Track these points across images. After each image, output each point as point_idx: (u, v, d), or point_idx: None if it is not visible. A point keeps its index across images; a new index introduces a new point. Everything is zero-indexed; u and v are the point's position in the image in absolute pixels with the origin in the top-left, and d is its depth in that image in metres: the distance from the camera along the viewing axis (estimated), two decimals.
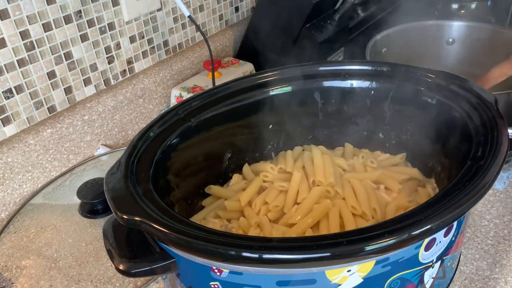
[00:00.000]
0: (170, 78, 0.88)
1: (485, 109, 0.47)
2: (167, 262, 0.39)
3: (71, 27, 0.72)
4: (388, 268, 0.37)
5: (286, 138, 0.63)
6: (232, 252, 0.34)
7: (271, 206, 0.53)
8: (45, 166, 0.71)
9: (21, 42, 0.66)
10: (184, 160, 0.53)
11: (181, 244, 0.36)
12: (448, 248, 0.42)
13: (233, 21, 1.03)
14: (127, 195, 0.41)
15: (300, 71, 0.59)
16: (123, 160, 0.45)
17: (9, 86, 0.66)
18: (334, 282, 0.37)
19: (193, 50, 0.93)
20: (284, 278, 0.36)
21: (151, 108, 0.86)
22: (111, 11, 0.77)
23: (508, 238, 0.59)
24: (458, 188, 0.38)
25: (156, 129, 0.51)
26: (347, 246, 0.33)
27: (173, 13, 0.88)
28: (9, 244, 0.61)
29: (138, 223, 0.38)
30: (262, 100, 0.58)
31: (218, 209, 0.55)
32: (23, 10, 0.65)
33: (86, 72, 0.76)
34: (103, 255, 0.58)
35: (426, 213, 0.36)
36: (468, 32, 0.88)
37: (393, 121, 0.60)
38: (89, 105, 0.76)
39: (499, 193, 0.65)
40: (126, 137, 0.83)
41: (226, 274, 0.37)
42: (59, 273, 0.56)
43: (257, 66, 0.93)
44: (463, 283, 0.54)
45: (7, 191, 0.67)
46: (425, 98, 0.54)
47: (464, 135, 0.47)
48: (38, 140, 0.69)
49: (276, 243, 0.34)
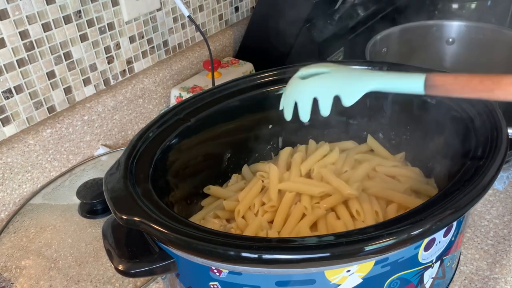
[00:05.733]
0: (169, 78, 0.88)
1: (485, 109, 0.47)
2: (167, 262, 0.39)
3: (71, 27, 0.72)
4: (388, 268, 0.37)
5: (286, 138, 0.63)
6: (231, 252, 0.34)
7: (267, 206, 0.53)
8: (45, 166, 0.71)
9: (21, 42, 0.66)
10: (183, 160, 0.53)
11: (181, 244, 0.36)
12: (447, 248, 0.42)
13: (233, 21, 1.03)
14: (126, 195, 0.41)
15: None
16: (122, 160, 0.45)
17: (9, 86, 0.66)
18: (333, 282, 0.37)
19: (193, 50, 0.93)
20: (283, 278, 0.36)
21: (150, 108, 0.86)
22: (111, 11, 0.77)
23: (508, 238, 0.59)
24: (458, 188, 0.38)
25: (156, 129, 0.51)
26: (347, 246, 0.33)
27: (173, 13, 0.88)
28: (8, 244, 0.61)
29: (137, 223, 0.38)
30: (262, 100, 0.58)
31: (217, 209, 0.55)
32: (22, 10, 0.65)
33: (86, 72, 0.76)
34: (103, 255, 0.58)
35: (425, 213, 0.36)
36: (468, 32, 0.88)
37: (393, 121, 0.60)
38: (88, 105, 0.76)
39: (499, 193, 0.65)
40: (126, 137, 0.83)
41: (226, 274, 0.37)
42: (59, 273, 0.56)
43: (257, 66, 0.93)
44: (463, 283, 0.54)
45: (6, 191, 0.67)
46: (425, 98, 0.54)
47: (464, 135, 0.47)
48: (37, 140, 0.69)
49: (275, 243, 0.34)
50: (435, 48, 0.90)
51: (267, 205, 0.54)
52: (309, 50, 0.88)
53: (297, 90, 0.50)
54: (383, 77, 0.47)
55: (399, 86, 0.46)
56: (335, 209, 0.52)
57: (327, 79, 0.49)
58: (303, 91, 0.49)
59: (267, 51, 0.93)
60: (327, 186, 0.54)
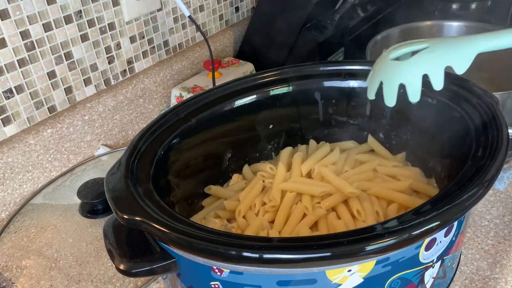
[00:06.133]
0: (170, 78, 0.88)
1: (485, 109, 0.47)
2: (168, 262, 0.39)
3: (72, 27, 0.72)
4: (389, 268, 0.37)
5: (286, 138, 0.63)
6: (232, 252, 0.34)
7: (268, 206, 0.53)
8: (46, 166, 0.71)
9: (22, 42, 0.66)
10: (184, 160, 0.53)
11: (182, 244, 0.36)
12: (448, 248, 0.42)
13: (233, 21, 1.03)
14: (127, 195, 0.41)
15: (300, 71, 0.59)
16: (123, 160, 0.46)
17: (10, 86, 0.66)
18: (334, 282, 0.37)
19: (193, 50, 0.93)
20: (284, 278, 0.36)
21: (151, 108, 0.86)
22: (112, 11, 0.77)
23: (508, 238, 0.59)
24: (458, 188, 0.38)
25: (157, 129, 0.51)
26: (348, 246, 0.33)
27: (173, 13, 0.88)
28: (9, 244, 0.61)
29: (138, 223, 0.38)
30: (262, 100, 0.58)
31: (218, 209, 0.55)
32: (23, 10, 0.65)
33: (87, 72, 0.76)
34: (104, 255, 0.58)
35: (426, 213, 0.36)
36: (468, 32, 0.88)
37: (393, 121, 0.60)
38: (89, 105, 0.76)
39: (499, 193, 0.65)
40: (127, 137, 0.83)
41: (227, 274, 0.37)
42: (60, 273, 0.56)
43: (257, 66, 0.93)
44: (463, 283, 0.54)
45: (7, 191, 0.67)
46: (425, 98, 0.54)
47: (464, 135, 0.47)
48: (38, 140, 0.69)
49: (276, 243, 0.34)
50: None
51: (268, 205, 0.54)
52: (309, 50, 0.88)
53: (401, 71, 0.48)
54: (489, 37, 0.46)
55: (508, 42, 0.45)
56: (335, 209, 0.52)
57: (432, 53, 0.47)
58: (409, 72, 0.47)
59: (267, 51, 0.93)
60: (328, 186, 0.54)
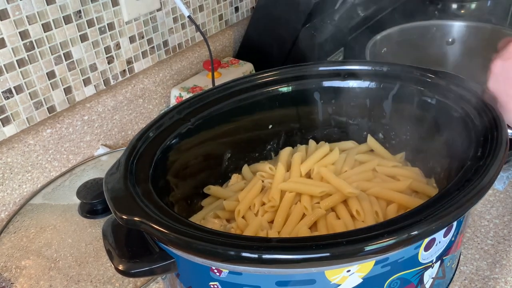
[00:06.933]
0: (169, 78, 0.88)
1: (485, 109, 0.47)
2: (167, 262, 0.39)
3: (71, 27, 0.72)
4: (388, 268, 0.37)
5: (285, 138, 0.63)
6: (231, 252, 0.34)
7: (267, 206, 0.53)
8: (45, 166, 0.71)
9: (21, 42, 0.66)
10: (183, 160, 0.53)
11: (181, 244, 0.36)
12: (447, 248, 0.42)
13: (233, 21, 1.03)
14: (126, 195, 0.41)
15: (300, 71, 0.59)
16: (122, 160, 0.45)
17: (9, 86, 0.66)
18: (333, 282, 0.37)
19: (193, 50, 0.93)
20: (283, 278, 0.36)
21: (150, 108, 0.86)
22: (111, 11, 0.77)
23: (508, 238, 0.59)
24: (458, 188, 0.38)
25: (156, 129, 0.51)
26: (347, 246, 0.33)
27: (173, 13, 0.88)
28: (8, 244, 0.61)
29: (137, 223, 0.38)
30: (262, 100, 0.58)
31: (217, 209, 0.55)
32: (22, 10, 0.65)
33: (86, 72, 0.76)
34: (103, 255, 0.58)
35: (425, 213, 0.36)
36: (468, 32, 0.88)
37: (393, 121, 0.59)
38: (88, 105, 0.76)
39: (499, 193, 0.65)
40: (126, 137, 0.83)
41: (226, 274, 0.37)
42: (59, 273, 0.56)
43: (257, 66, 0.93)
44: (463, 283, 0.54)
45: (6, 191, 0.67)
46: (425, 98, 0.54)
47: (464, 135, 0.47)
48: (37, 140, 0.69)
49: (275, 243, 0.34)
50: (435, 48, 0.90)
51: (267, 205, 0.54)
52: (309, 50, 0.88)
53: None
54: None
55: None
56: (335, 209, 0.52)
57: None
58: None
59: (267, 51, 0.93)
60: (327, 186, 0.54)
